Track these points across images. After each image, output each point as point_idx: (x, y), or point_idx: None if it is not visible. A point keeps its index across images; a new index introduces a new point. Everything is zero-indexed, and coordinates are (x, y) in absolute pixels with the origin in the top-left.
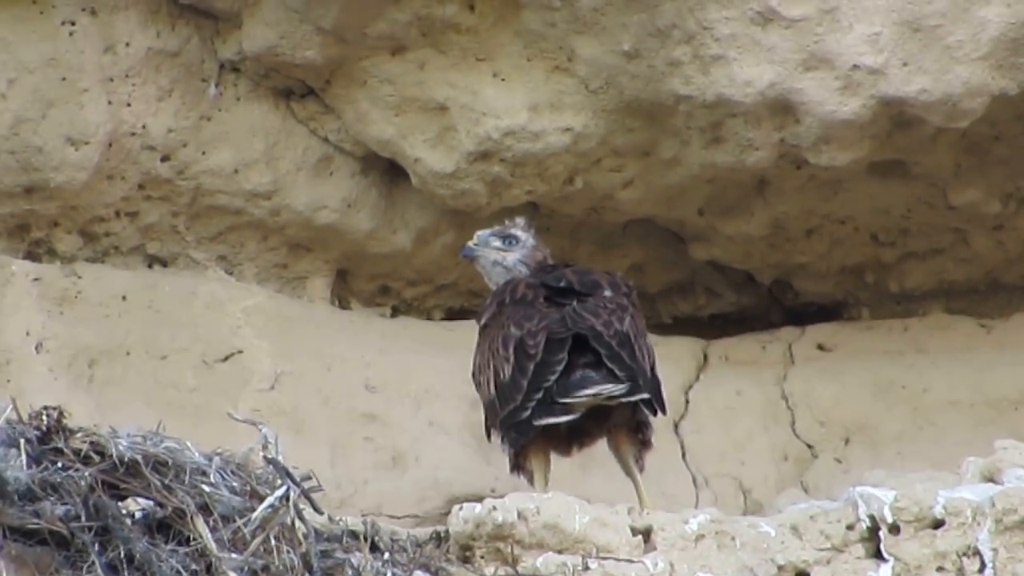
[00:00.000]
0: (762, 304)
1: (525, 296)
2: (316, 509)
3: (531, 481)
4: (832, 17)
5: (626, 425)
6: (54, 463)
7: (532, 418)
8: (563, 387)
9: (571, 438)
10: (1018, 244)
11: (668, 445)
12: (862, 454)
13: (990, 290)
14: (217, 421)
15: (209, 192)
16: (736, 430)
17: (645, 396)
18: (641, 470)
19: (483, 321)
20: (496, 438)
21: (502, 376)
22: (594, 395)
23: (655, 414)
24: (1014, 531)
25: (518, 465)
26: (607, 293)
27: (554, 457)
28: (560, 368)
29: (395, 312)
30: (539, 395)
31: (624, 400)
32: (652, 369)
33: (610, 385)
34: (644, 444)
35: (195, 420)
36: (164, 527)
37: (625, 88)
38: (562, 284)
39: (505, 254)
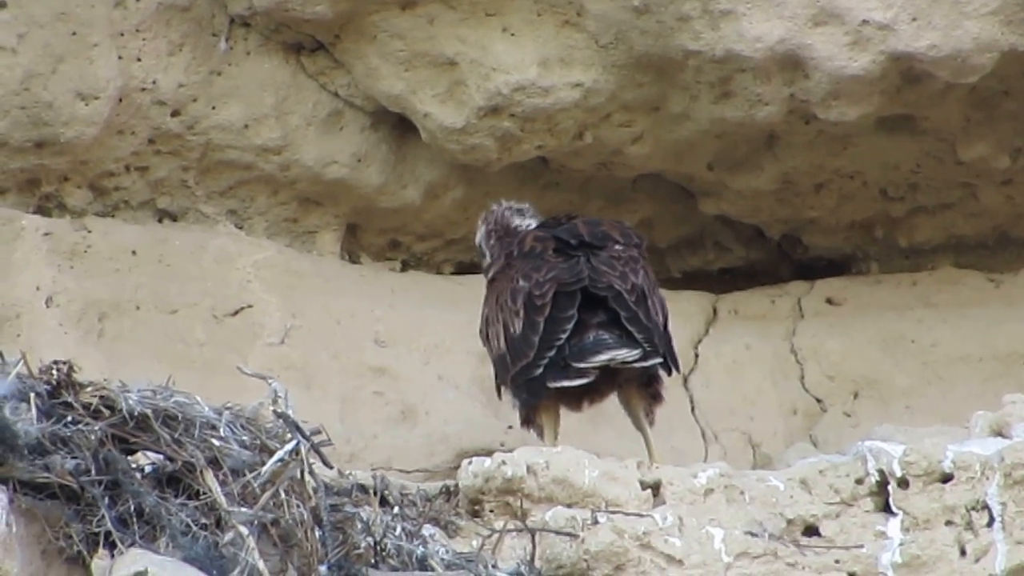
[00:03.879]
0: (771, 258)
1: (534, 248)
2: (326, 463)
3: (541, 436)
4: None
5: (637, 379)
6: (64, 417)
7: (545, 379)
8: (577, 351)
9: (583, 395)
10: None
11: (677, 399)
12: (871, 408)
13: (999, 244)
14: (227, 375)
15: (219, 147)
16: (745, 384)
17: (659, 360)
18: (651, 424)
19: (491, 275)
20: (507, 395)
21: (512, 330)
22: (608, 360)
23: (669, 373)
24: (1023, 485)
25: (528, 420)
26: (618, 246)
27: (564, 411)
28: (570, 326)
29: (405, 266)
30: (551, 353)
31: (637, 365)
32: (665, 325)
33: (624, 351)
34: (655, 398)
35: (205, 374)
36: (174, 481)
37: (635, 43)
38: (573, 238)
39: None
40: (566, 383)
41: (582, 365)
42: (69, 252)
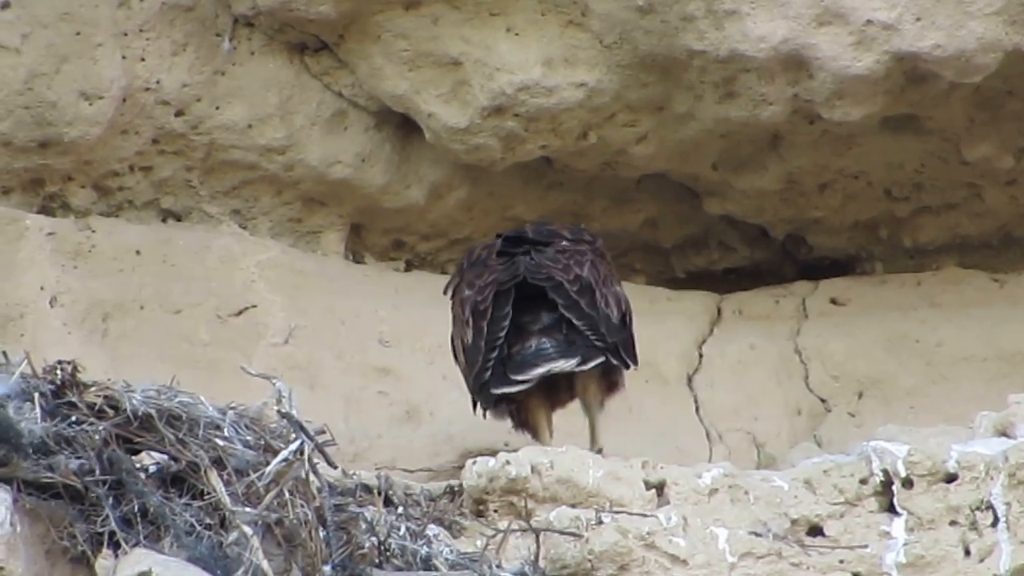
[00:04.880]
0: (776, 258)
1: (480, 256)
2: (330, 463)
3: (536, 436)
4: None
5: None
6: (68, 417)
7: (489, 385)
8: (518, 362)
9: (550, 396)
10: None
11: (681, 399)
12: (875, 408)
13: (1003, 244)
14: (231, 375)
15: (223, 147)
16: (749, 384)
17: (600, 360)
18: (601, 409)
19: (449, 292)
20: (480, 409)
21: (466, 341)
22: (545, 372)
23: (627, 367)
24: None
25: (521, 422)
26: (565, 243)
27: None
28: (506, 324)
29: (409, 266)
30: (494, 354)
31: (580, 369)
32: (624, 318)
33: (562, 361)
34: (611, 387)
35: (209, 374)
36: (178, 481)
37: (639, 43)
38: (518, 238)
39: None
40: (507, 389)
41: (521, 377)
42: (73, 252)
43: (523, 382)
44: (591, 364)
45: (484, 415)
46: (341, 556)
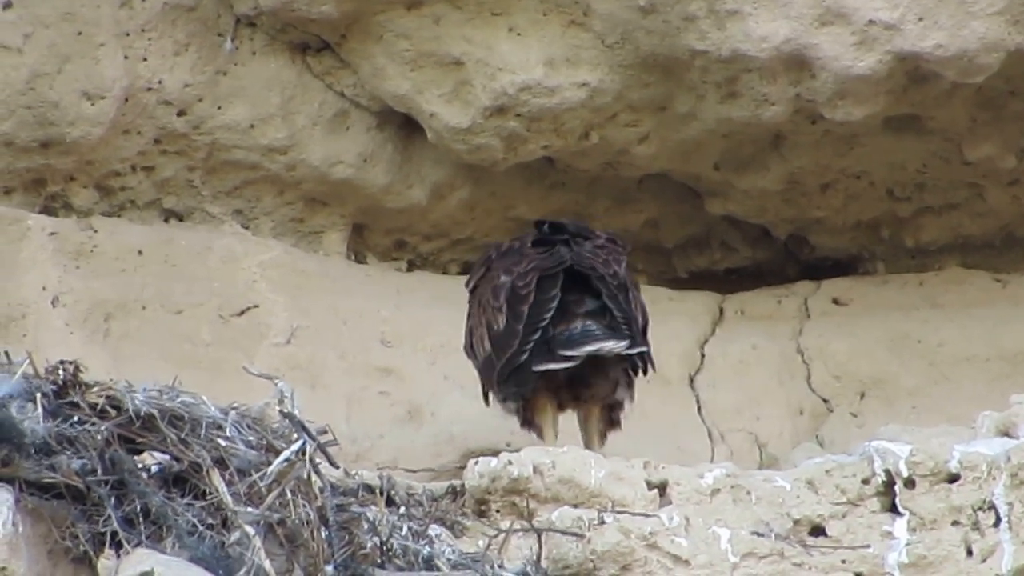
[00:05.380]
0: (778, 259)
1: (512, 246)
2: (332, 463)
3: (541, 436)
4: None
5: (601, 402)
6: (70, 417)
7: (530, 363)
8: (564, 340)
9: (559, 396)
10: None
11: (683, 400)
12: (877, 408)
13: (1005, 245)
14: (233, 375)
15: (225, 147)
16: (752, 384)
17: (645, 348)
18: (602, 447)
19: (472, 284)
20: (496, 401)
21: (496, 327)
22: (595, 351)
23: (644, 372)
24: None
25: (527, 420)
26: (601, 240)
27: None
28: (554, 305)
29: (411, 267)
30: (536, 336)
31: (624, 353)
32: (645, 327)
33: (612, 342)
34: (612, 423)
35: (211, 374)
36: (180, 481)
37: (641, 43)
38: (555, 228)
39: None
40: (552, 366)
41: (570, 353)
42: (75, 252)
43: (571, 358)
44: (638, 349)
45: (502, 404)
46: (343, 556)
